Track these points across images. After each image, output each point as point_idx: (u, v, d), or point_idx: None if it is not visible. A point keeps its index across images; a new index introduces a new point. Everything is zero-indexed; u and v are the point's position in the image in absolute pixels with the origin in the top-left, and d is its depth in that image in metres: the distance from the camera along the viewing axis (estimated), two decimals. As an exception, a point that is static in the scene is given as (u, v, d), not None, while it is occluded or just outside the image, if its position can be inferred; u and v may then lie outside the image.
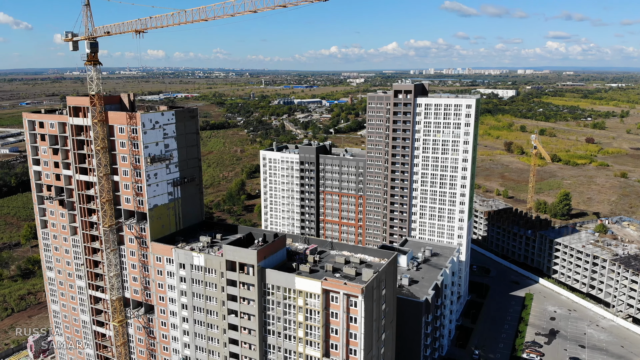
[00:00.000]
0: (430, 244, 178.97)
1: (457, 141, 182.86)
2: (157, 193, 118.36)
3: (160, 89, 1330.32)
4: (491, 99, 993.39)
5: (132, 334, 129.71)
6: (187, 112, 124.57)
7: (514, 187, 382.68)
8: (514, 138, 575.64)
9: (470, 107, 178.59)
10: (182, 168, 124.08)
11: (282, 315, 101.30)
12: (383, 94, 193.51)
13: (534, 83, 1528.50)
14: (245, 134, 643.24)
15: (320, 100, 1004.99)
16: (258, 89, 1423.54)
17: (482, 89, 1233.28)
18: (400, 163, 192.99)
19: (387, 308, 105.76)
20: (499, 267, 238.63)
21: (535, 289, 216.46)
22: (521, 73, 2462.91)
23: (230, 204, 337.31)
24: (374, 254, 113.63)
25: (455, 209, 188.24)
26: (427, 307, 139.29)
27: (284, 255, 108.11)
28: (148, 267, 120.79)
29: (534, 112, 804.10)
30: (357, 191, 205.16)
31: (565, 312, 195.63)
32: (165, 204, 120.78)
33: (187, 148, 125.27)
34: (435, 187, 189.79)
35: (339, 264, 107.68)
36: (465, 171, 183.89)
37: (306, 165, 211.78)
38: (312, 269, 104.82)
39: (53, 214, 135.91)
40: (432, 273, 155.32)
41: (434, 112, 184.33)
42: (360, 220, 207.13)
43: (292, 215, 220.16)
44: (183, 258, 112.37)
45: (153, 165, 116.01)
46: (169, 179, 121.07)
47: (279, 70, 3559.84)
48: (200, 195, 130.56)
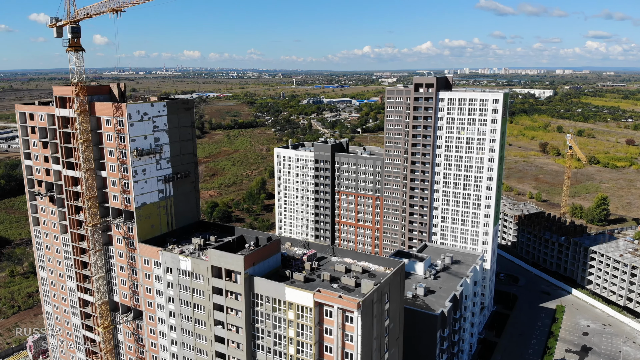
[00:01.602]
0: (452, 250, 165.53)
1: (483, 139, 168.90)
2: (146, 190, 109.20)
3: (193, 88, 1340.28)
4: (527, 99, 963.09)
5: (122, 341, 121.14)
6: (180, 103, 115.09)
7: (548, 190, 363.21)
8: (549, 139, 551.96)
9: (497, 102, 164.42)
10: (174, 164, 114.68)
11: (272, 329, 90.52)
12: (403, 88, 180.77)
13: (572, 83, 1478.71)
14: (273, 133, 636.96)
15: (349, 100, 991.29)
16: (289, 88, 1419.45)
17: (518, 88, 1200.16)
18: (421, 162, 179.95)
19: (391, 324, 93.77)
20: (529, 276, 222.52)
21: (567, 300, 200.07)
22: (559, 73, 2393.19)
23: (250, 203, 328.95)
24: (379, 262, 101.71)
25: (480, 212, 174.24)
26: (443, 321, 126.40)
27: (277, 261, 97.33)
28: (136, 270, 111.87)
29: (572, 112, 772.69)
30: (375, 192, 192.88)
31: (600, 327, 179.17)
32: (155, 203, 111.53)
33: (181, 142, 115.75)
34: (458, 189, 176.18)
35: (338, 273, 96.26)
36: (492, 172, 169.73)
37: (321, 164, 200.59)
38: (308, 277, 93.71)
39: (44, 211, 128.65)
40: (451, 282, 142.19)
41: (458, 108, 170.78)
42: (377, 223, 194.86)
43: (307, 216, 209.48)
44: (170, 262, 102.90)
45: (141, 160, 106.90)
46: (160, 176, 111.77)
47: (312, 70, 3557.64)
48: (196, 193, 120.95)
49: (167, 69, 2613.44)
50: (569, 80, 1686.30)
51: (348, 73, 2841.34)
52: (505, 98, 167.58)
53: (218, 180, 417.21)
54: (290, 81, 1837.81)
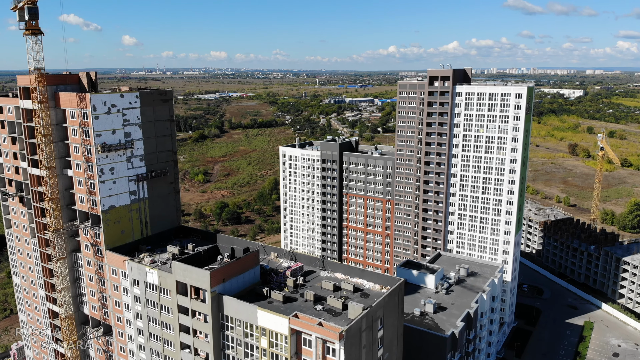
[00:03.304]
0: (468, 260, 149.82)
1: (504, 138, 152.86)
2: (115, 192, 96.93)
3: (217, 88, 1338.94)
4: (556, 99, 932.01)
5: (93, 357, 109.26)
6: (156, 94, 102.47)
7: (577, 194, 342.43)
8: (579, 140, 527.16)
9: (520, 97, 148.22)
10: (149, 162, 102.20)
11: (244, 358, 77.01)
12: (416, 82, 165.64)
13: (603, 84, 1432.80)
14: (292, 133, 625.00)
15: (372, 99, 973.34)
16: (312, 88, 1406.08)
17: (547, 88, 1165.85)
18: (435, 163, 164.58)
19: (385, 354, 79.33)
20: (554, 288, 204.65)
21: (596, 316, 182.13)
22: (590, 73, 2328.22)
23: (261, 203, 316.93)
24: (375, 279, 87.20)
25: (500, 219, 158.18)
26: (454, 343, 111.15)
27: (255, 276, 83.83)
28: (104, 281, 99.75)
29: (603, 112, 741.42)
30: (385, 194, 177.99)
31: (632, 347, 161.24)
32: (125, 205, 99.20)
33: (157, 138, 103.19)
34: (476, 193, 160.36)
35: (325, 291, 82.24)
36: (514, 174, 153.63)
37: (328, 164, 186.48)
38: (289, 297, 79.94)
39: (15, 212, 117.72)
40: (465, 298, 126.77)
41: (477, 103, 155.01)
42: (387, 228, 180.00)
43: (313, 219, 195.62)
44: (137, 273, 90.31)
45: (108, 157, 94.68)
46: (131, 175, 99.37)
47: (336, 70, 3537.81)
48: (175, 195, 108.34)
49: (193, 69, 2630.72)
50: (599, 81, 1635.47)
51: (372, 73, 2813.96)
52: (530, 92, 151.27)
53: (232, 180, 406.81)
54: (314, 81, 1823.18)
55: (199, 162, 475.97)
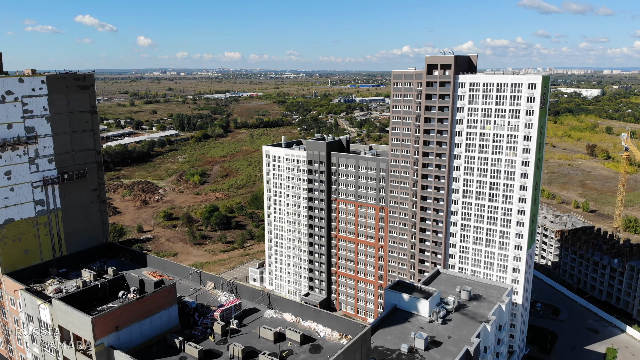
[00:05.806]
0: (471, 280, 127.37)
1: (515, 136, 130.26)
2: (13, 202, 76.35)
3: (229, 88, 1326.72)
4: (573, 98, 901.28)
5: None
6: (71, 79, 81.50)
7: (596, 199, 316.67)
8: (598, 140, 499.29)
9: (534, 88, 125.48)
10: (61, 164, 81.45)
11: None
12: (413, 71, 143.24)
13: (621, 83, 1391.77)
14: (298, 132, 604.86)
15: (382, 99, 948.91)
16: (323, 88, 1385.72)
17: (564, 88, 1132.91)
18: (435, 165, 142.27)
19: None
20: (572, 307, 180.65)
21: (619, 341, 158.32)
22: (607, 73, 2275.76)
23: (255, 207, 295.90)
24: (334, 324, 65.23)
25: (510, 231, 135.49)
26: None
27: (172, 319, 62.58)
28: (5, 312, 79.32)
29: (622, 112, 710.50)
30: (378, 201, 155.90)
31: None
32: (29, 219, 78.54)
33: (74, 134, 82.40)
34: (482, 201, 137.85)
35: (262, 342, 60.67)
36: (526, 179, 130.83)
37: (315, 166, 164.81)
38: (209, 351, 58.57)
39: None
40: (465, 329, 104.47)
41: (483, 95, 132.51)
42: (381, 239, 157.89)
43: (299, 227, 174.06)
44: (30, 307, 69.72)
45: (2, 157, 74.08)
46: (36, 180, 78.71)
47: (349, 70, 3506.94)
48: (100, 204, 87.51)
49: (207, 69, 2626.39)
50: (617, 81, 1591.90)
51: (386, 73, 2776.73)
52: (545, 82, 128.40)
53: (229, 182, 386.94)
54: (326, 81, 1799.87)
55: (199, 162, 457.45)
